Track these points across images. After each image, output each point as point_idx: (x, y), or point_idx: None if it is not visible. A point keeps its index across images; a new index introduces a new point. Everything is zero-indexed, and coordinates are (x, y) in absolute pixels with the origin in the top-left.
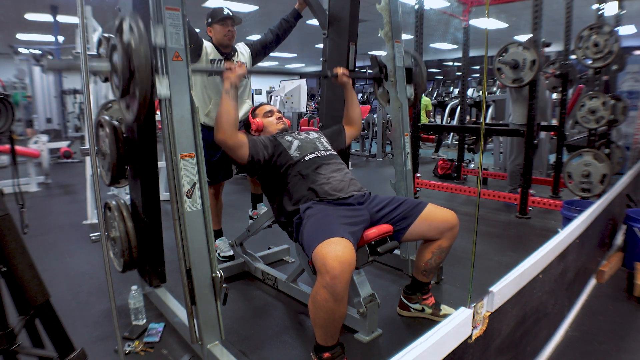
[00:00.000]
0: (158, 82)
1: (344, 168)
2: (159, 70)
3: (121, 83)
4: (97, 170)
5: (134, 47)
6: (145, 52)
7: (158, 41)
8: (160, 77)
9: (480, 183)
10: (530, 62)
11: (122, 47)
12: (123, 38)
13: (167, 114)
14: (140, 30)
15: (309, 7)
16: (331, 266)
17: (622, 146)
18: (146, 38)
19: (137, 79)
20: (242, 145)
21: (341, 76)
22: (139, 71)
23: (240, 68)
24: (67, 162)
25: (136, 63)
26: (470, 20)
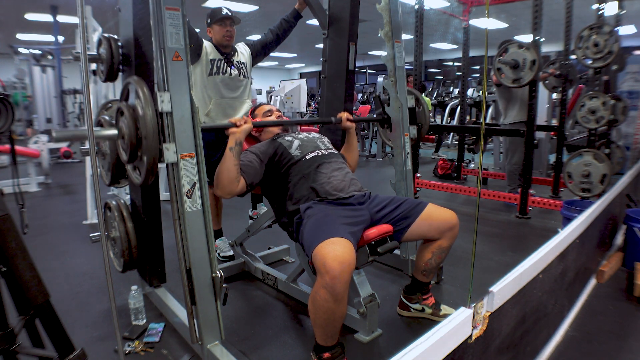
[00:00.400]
0: (165, 149)
1: (345, 167)
2: (167, 137)
3: (128, 148)
4: (97, 170)
5: (141, 114)
6: (151, 121)
7: (164, 108)
8: (168, 144)
9: (480, 183)
10: (531, 62)
11: (129, 113)
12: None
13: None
14: (146, 95)
15: (309, 7)
16: (331, 266)
17: (622, 146)
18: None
19: (144, 146)
20: (242, 188)
21: (344, 121)
22: (147, 139)
23: (246, 124)
24: (67, 162)
25: (144, 131)
26: (470, 20)
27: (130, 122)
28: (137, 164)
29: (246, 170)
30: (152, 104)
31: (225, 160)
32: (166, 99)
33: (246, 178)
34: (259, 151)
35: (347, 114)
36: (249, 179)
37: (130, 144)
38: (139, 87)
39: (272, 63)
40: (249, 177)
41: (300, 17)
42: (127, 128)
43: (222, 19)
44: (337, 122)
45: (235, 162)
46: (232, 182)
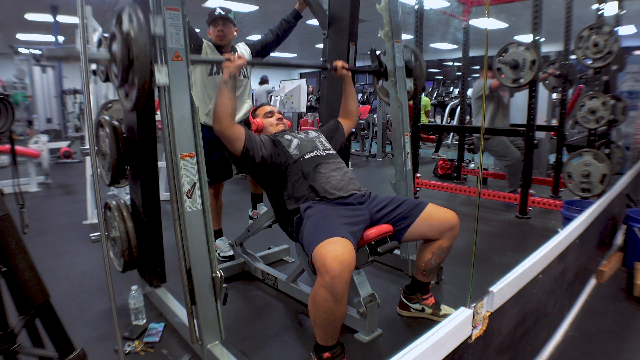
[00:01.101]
0: (157, 70)
1: (343, 167)
2: (158, 59)
3: (120, 71)
4: (97, 170)
5: (133, 36)
6: (144, 41)
7: (157, 31)
8: (160, 66)
9: (480, 183)
10: (530, 62)
11: (121, 36)
12: (122, 27)
13: (167, 114)
14: (140, 19)
15: (309, 7)
16: (331, 266)
17: (622, 146)
18: (145, 27)
19: (136, 67)
20: (239, 138)
21: (340, 69)
22: (138, 59)
23: (239, 59)
24: (67, 162)
25: (135, 51)
26: (470, 20)
27: (122, 45)
28: (129, 88)
29: (247, 135)
30: (145, 27)
31: (220, 94)
32: (159, 22)
33: (246, 140)
34: (261, 138)
35: (342, 62)
36: (247, 143)
37: (123, 67)
38: (132, 11)
39: None
40: (248, 142)
41: (301, 17)
42: (120, 50)
43: (214, 19)
44: (332, 70)
45: (230, 96)
46: (228, 116)
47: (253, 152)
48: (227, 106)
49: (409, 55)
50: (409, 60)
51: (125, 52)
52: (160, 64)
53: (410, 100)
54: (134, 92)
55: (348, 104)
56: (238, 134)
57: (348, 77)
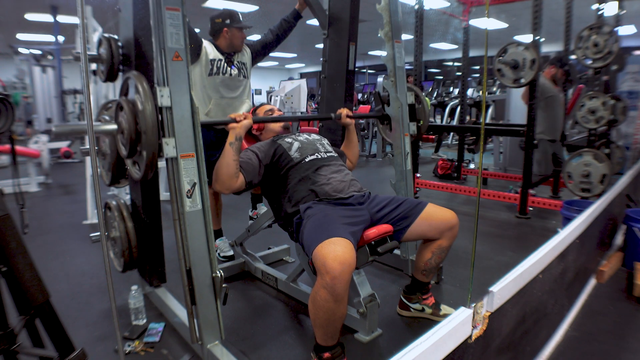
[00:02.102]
0: (165, 143)
1: (344, 169)
2: (166, 132)
3: (128, 143)
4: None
5: (140, 109)
6: (151, 115)
7: (164, 103)
8: (167, 139)
9: (480, 183)
10: (530, 62)
11: (129, 108)
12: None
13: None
14: (146, 90)
15: (309, 7)
16: (331, 266)
17: (622, 146)
18: (151, 99)
19: (144, 141)
20: (240, 185)
21: (344, 117)
22: (147, 134)
23: (245, 119)
24: (67, 162)
25: (143, 127)
26: (470, 20)
27: (129, 117)
28: (137, 158)
29: (245, 168)
30: (151, 98)
31: (224, 155)
32: (165, 93)
33: (245, 176)
34: (259, 150)
35: (346, 110)
36: (248, 177)
37: (130, 139)
38: (138, 81)
39: (272, 63)
40: (248, 175)
41: (301, 17)
42: (127, 123)
43: (243, 27)
44: (337, 119)
45: (235, 158)
46: (231, 178)
47: (255, 180)
48: (232, 167)
49: (412, 98)
50: (413, 104)
51: (132, 125)
52: (168, 136)
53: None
54: (142, 165)
55: (350, 153)
56: (240, 185)
57: (352, 125)
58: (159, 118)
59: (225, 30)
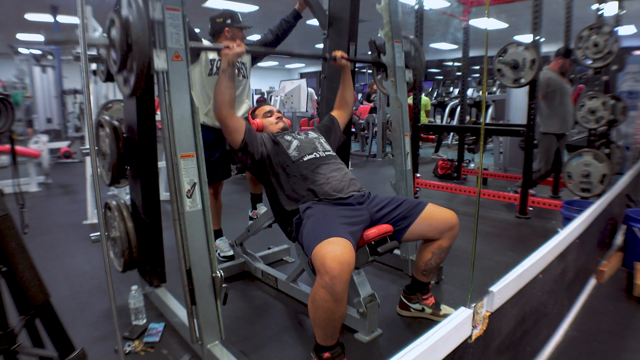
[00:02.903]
0: (156, 55)
1: (343, 168)
2: (157, 44)
3: (119, 57)
4: (97, 170)
5: (132, 21)
6: (142, 26)
7: (156, 16)
8: (158, 51)
9: (480, 183)
10: (530, 62)
11: (120, 21)
12: (121, 13)
13: (167, 114)
14: (139, 4)
15: (309, 7)
16: (330, 266)
17: (622, 146)
18: (144, 12)
19: (134, 52)
20: (238, 130)
21: (339, 59)
22: (137, 44)
23: (238, 47)
24: (67, 162)
25: (134, 36)
26: (470, 20)
27: (121, 30)
28: (127, 73)
29: (248, 133)
30: (144, 12)
31: (218, 83)
32: (158, 7)
33: (245, 135)
34: (262, 135)
35: (341, 52)
36: (246, 137)
37: (121, 52)
38: None
39: (272, 63)
40: (247, 135)
41: (300, 17)
42: (119, 35)
43: (243, 27)
44: (332, 59)
45: (228, 85)
46: (226, 104)
47: (252, 148)
48: (226, 94)
49: (409, 47)
50: (409, 52)
51: (124, 37)
52: (159, 49)
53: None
54: (132, 77)
55: (345, 94)
56: (238, 125)
57: (347, 67)
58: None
59: (227, 30)
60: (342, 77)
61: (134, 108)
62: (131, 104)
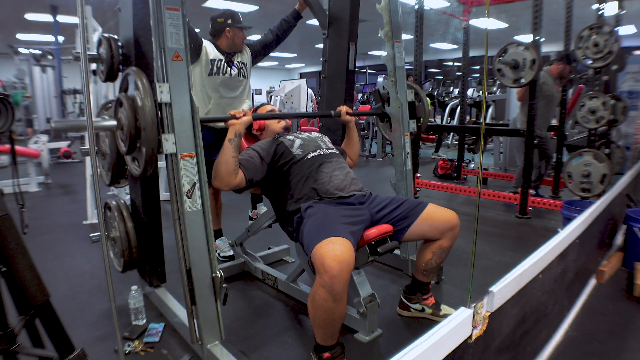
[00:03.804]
0: (164, 139)
1: (345, 167)
2: (165, 127)
3: (127, 139)
4: (97, 170)
5: (140, 105)
6: (151, 111)
7: (164, 98)
8: (167, 135)
9: (480, 183)
10: (530, 62)
11: (128, 104)
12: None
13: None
14: (145, 86)
15: (309, 7)
16: (330, 266)
17: (622, 146)
18: (151, 95)
19: (143, 137)
20: (241, 183)
21: (344, 115)
22: (146, 130)
23: (245, 116)
24: (67, 162)
25: (142, 123)
26: (470, 20)
27: (129, 113)
28: (136, 155)
29: (246, 165)
30: (151, 94)
31: (223, 152)
32: (165, 89)
33: (246, 173)
34: (261, 149)
35: (346, 107)
36: (248, 175)
37: (130, 135)
38: (138, 78)
39: (272, 63)
40: (248, 173)
41: (301, 17)
42: (126, 119)
43: (244, 27)
44: (337, 116)
45: (234, 155)
46: (230, 174)
47: (257, 177)
48: (230, 164)
49: (412, 95)
50: (413, 101)
51: (132, 121)
52: (167, 132)
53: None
54: (142, 161)
55: (350, 151)
56: (239, 181)
57: (352, 122)
58: (159, 114)
59: (228, 30)
60: (347, 133)
61: None
62: None
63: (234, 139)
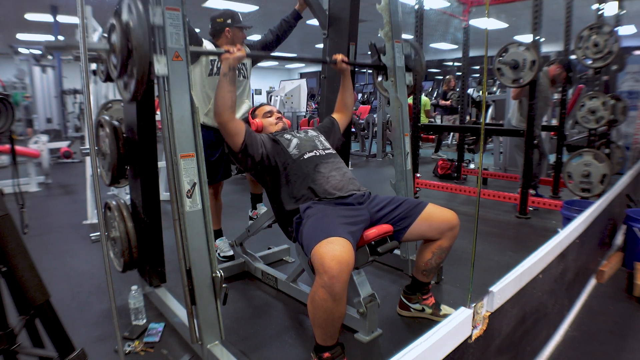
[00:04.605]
0: (156, 61)
1: (343, 167)
2: (157, 49)
3: (119, 62)
4: (97, 170)
5: (132, 26)
6: (143, 31)
7: (156, 21)
8: (159, 57)
9: (480, 183)
10: (530, 63)
11: (120, 27)
12: (121, 18)
13: (167, 114)
14: (139, 10)
15: (309, 7)
16: (329, 266)
17: (622, 146)
18: (144, 18)
19: (135, 57)
20: (238, 133)
21: (340, 62)
22: (137, 49)
23: (239, 51)
24: (67, 162)
25: (134, 42)
26: (470, 20)
27: (121, 35)
28: (128, 78)
29: (248, 135)
30: (145, 17)
31: (219, 87)
32: (158, 12)
33: (245, 137)
34: (261, 137)
35: (342, 55)
36: (247, 139)
37: (122, 57)
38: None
39: (272, 63)
40: (247, 137)
41: (301, 17)
42: (119, 40)
43: (244, 27)
44: (332, 63)
45: (229, 89)
46: (227, 109)
47: (252, 150)
48: (227, 99)
49: (409, 50)
50: (409, 55)
51: (124, 42)
52: (160, 54)
53: (410, 95)
54: (132, 82)
55: (345, 97)
56: (238, 128)
57: (347, 70)
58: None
59: (227, 30)
60: (342, 81)
61: (134, 109)
62: (131, 104)
63: (228, 73)
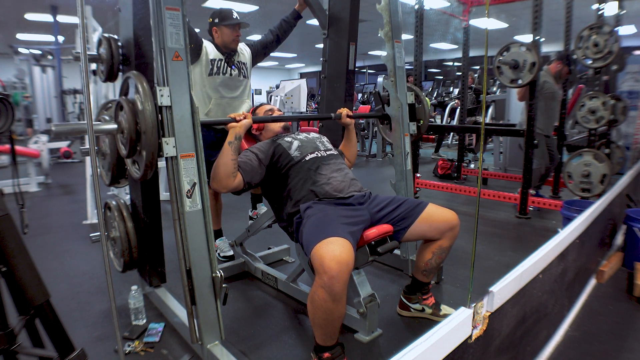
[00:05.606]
0: (164, 142)
1: (344, 168)
2: (166, 131)
3: (128, 143)
4: (97, 170)
5: (140, 109)
6: (151, 115)
7: (164, 102)
8: (167, 138)
9: (480, 183)
10: (530, 64)
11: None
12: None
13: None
14: (146, 90)
15: (309, 7)
16: (329, 266)
17: (622, 146)
18: (151, 99)
19: (144, 141)
20: (239, 185)
21: (344, 117)
22: (146, 133)
23: (245, 119)
24: (67, 162)
25: (143, 126)
26: (470, 20)
27: (129, 117)
28: (137, 158)
29: (244, 167)
30: (151, 98)
31: (223, 154)
32: (165, 93)
33: (244, 176)
34: (259, 151)
35: (346, 110)
36: (246, 177)
37: (130, 139)
38: (138, 81)
39: (272, 63)
40: (246, 175)
41: (300, 17)
42: (127, 122)
43: (235, 24)
44: (337, 118)
45: (233, 157)
46: (229, 177)
47: (255, 179)
48: (229, 166)
49: (412, 97)
50: (413, 103)
51: (133, 125)
52: (168, 136)
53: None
54: (142, 164)
55: (348, 152)
56: (238, 184)
57: (351, 125)
58: (159, 118)
59: (215, 30)
60: (346, 134)
61: None
62: None
63: (233, 142)
